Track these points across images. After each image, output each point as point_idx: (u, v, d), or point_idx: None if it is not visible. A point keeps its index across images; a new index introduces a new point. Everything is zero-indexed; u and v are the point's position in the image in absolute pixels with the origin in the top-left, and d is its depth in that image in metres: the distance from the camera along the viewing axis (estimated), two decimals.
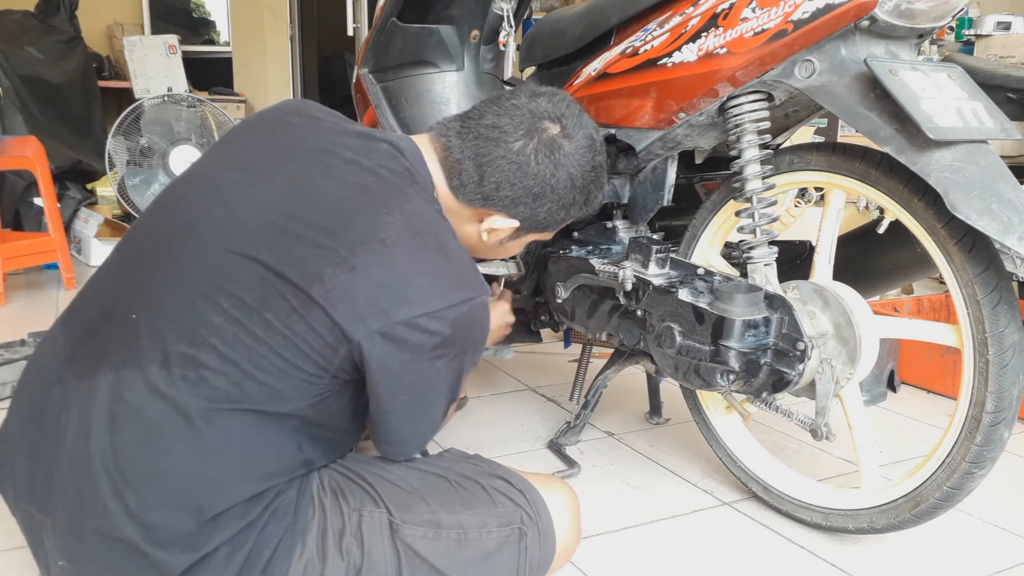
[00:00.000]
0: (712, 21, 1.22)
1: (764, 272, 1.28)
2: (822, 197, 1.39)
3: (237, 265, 0.89)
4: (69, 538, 0.88)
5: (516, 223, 1.08)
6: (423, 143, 1.06)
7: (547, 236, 1.18)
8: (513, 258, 1.69)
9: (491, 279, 1.83)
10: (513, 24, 1.80)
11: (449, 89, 1.84)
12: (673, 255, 1.38)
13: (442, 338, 0.90)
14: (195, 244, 0.92)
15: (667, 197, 1.43)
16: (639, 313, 1.38)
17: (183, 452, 0.86)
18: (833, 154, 1.25)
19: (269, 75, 5.40)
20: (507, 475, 1.07)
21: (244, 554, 0.89)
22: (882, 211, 1.32)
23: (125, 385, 0.86)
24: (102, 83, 4.55)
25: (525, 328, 1.84)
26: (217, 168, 1.01)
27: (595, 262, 1.47)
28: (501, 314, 1.50)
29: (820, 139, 3.44)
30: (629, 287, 1.36)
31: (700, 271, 1.33)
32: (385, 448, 1.04)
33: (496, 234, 1.10)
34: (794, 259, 1.54)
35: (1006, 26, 3.55)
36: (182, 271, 0.91)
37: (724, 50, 1.20)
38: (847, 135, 3.52)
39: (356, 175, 0.95)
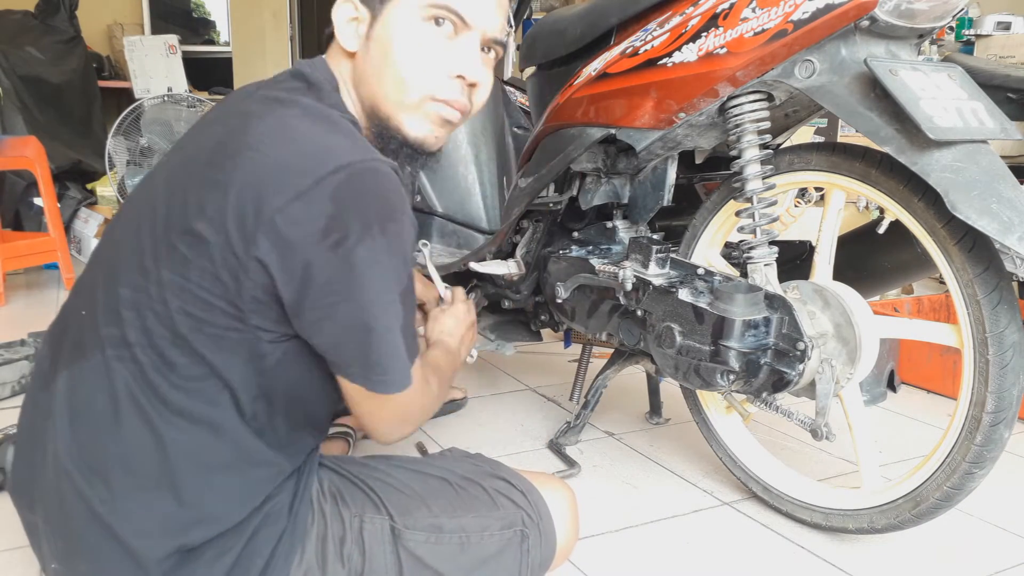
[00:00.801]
0: (712, 21, 1.22)
1: (764, 272, 1.28)
2: (822, 197, 1.39)
3: (141, 235, 0.87)
4: (57, 539, 0.89)
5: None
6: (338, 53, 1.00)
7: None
8: (513, 257, 1.69)
9: (476, 284, 1.83)
10: (513, 24, 1.80)
11: None
12: (673, 255, 1.38)
13: (327, 218, 0.79)
14: (125, 231, 0.91)
15: (667, 197, 1.43)
16: (639, 313, 1.38)
17: (134, 433, 0.85)
18: (833, 154, 1.25)
19: (269, 75, 5.33)
20: (508, 475, 1.07)
21: (232, 558, 0.88)
22: (882, 211, 1.32)
23: (76, 379, 0.88)
24: (102, 83, 4.55)
25: (525, 328, 1.85)
26: (164, 164, 0.98)
27: (595, 262, 1.47)
28: (461, 316, 1.27)
29: (820, 139, 3.44)
30: (629, 287, 1.36)
31: (700, 271, 1.33)
32: (356, 376, 0.88)
33: (359, 24, 0.98)
34: (794, 259, 1.54)
35: (1006, 26, 3.55)
36: (111, 259, 0.91)
37: (724, 50, 1.20)
38: (847, 135, 3.52)
39: (242, 108, 0.92)
